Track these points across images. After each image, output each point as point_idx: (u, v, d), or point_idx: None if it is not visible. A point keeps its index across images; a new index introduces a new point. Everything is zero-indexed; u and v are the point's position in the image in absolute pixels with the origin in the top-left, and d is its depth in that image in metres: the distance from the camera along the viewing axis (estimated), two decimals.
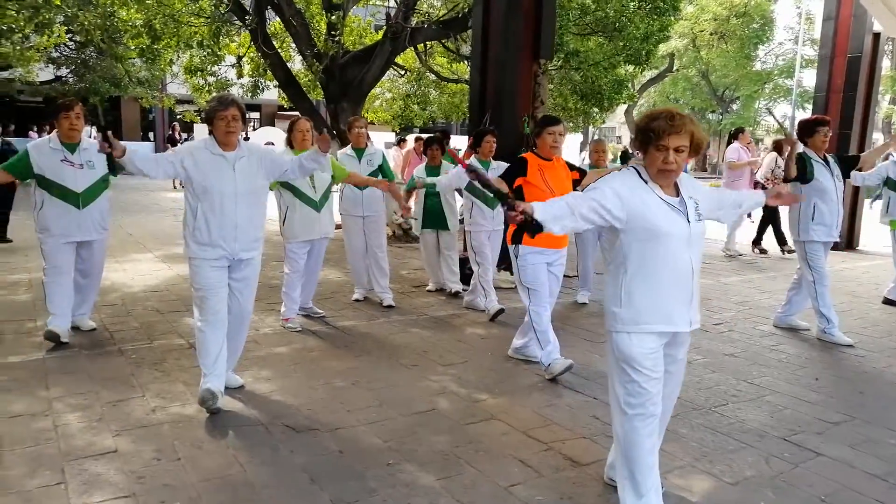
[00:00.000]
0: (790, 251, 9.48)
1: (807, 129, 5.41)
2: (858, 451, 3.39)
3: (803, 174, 5.22)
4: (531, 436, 3.47)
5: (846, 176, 5.62)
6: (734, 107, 35.71)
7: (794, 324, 5.69)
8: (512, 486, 2.94)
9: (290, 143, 5.27)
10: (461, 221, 6.48)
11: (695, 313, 2.64)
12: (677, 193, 2.59)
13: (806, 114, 34.04)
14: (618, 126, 42.33)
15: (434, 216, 6.37)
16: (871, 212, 11.20)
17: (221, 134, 3.65)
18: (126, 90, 18.69)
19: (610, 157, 7.52)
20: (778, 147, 9.49)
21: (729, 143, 10.21)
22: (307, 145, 5.24)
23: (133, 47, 10.56)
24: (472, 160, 5.72)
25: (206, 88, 11.06)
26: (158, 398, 3.81)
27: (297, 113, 22.67)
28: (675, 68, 32.45)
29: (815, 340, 5.39)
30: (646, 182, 2.54)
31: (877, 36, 10.79)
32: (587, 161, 7.07)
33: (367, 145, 5.98)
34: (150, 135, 25.70)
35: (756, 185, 9.76)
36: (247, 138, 3.84)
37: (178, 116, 25.94)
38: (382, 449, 3.28)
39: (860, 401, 4.11)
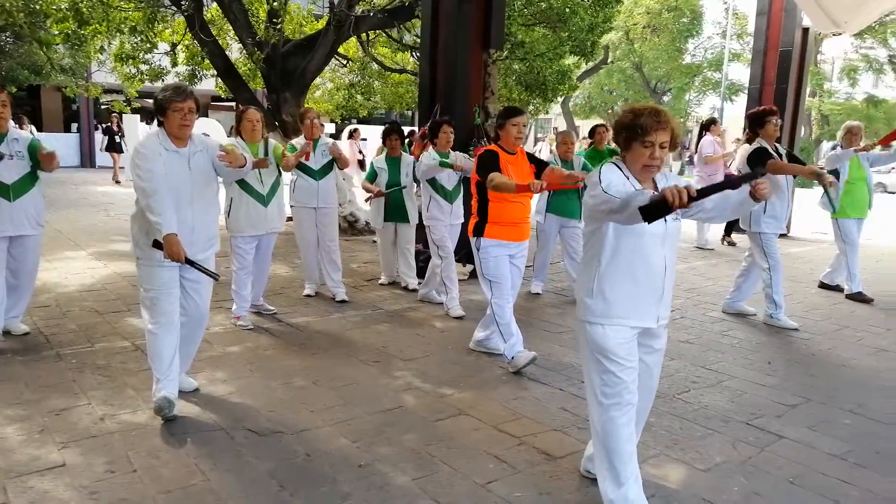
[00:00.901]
0: (731, 243, 9.84)
1: (758, 120, 5.51)
2: (817, 433, 3.48)
3: (767, 160, 5.32)
4: (502, 430, 3.42)
5: None
6: (666, 98, 36.66)
7: (742, 309, 5.85)
8: (489, 484, 2.88)
9: (239, 132, 5.04)
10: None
11: (664, 310, 2.64)
12: (655, 189, 2.57)
13: (734, 106, 35.34)
14: (554, 117, 42.89)
15: (396, 209, 6.23)
16: (801, 200, 11.68)
17: (175, 127, 3.41)
18: (48, 78, 17.65)
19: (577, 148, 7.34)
20: (750, 139, 9.48)
21: (700, 135, 9.89)
22: (257, 136, 5.03)
23: (57, 32, 9.94)
24: (431, 151, 5.61)
25: (139, 77, 10.53)
26: (106, 405, 3.58)
27: (232, 103, 21.88)
28: (609, 60, 33.06)
29: (762, 325, 5.55)
30: (627, 178, 2.52)
31: (806, 31, 11.22)
32: (546, 154, 7.05)
33: (320, 136, 5.80)
34: (73, 126, 24.43)
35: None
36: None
37: (105, 107, 24.74)
38: (352, 450, 3.17)
39: (812, 383, 4.24)
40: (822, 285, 7.05)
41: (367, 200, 6.56)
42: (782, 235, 6.42)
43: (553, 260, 6.84)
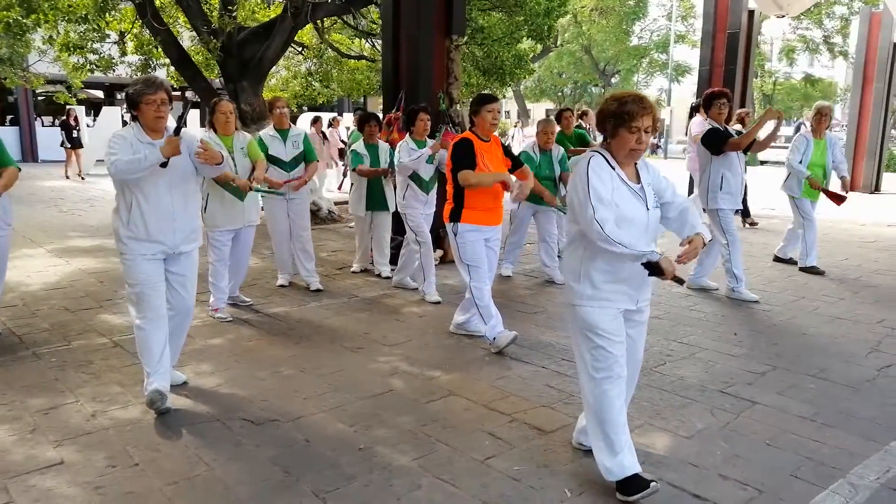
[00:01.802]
0: (753, 224, 9.72)
1: (705, 102, 5.79)
2: (786, 397, 3.71)
3: (721, 147, 5.57)
4: (493, 408, 3.54)
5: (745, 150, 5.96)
6: (614, 80, 37.30)
7: (705, 284, 6.10)
8: (488, 459, 3.00)
9: (212, 125, 4.98)
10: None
11: (644, 293, 2.79)
12: (638, 179, 2.70)
13: (681, 87, 36.20)
14: (505, 101, 43.14)
15: (375, 196, 6.24)
16: (751, 179, 12.09)
17: (150, 120, 3.38)
18: None
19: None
20: (741, 119, 9.33)
21: (691, 116, 9.91)
22: (230, 128, 4.98)
23: None
24: (407, 140, 5.64)
25: (87, 67, 10.21)
26: (95, 402, 3.56)
27: (183, 93, 21.39)
28: (559, 43, 33.41)
29: (725, 299, 5.81)
30: (613, 168, 2.63)
31: (752, 13, 11.61)
32: (518, 139, 7.03)
33: (289, 126, 5.77)
34: (8, 119, 23.46)
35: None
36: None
37: (43, 98, 23.78)
38: (349, 434, 3.24)
39: (777, 351, 4.48)
40: (777, 259, 7.39)
41: (386, 176, 6.25)
42: (739, 212, 6.67)
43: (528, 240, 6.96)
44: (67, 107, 16.59)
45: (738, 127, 9.25)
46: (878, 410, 3.55)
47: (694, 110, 9.86)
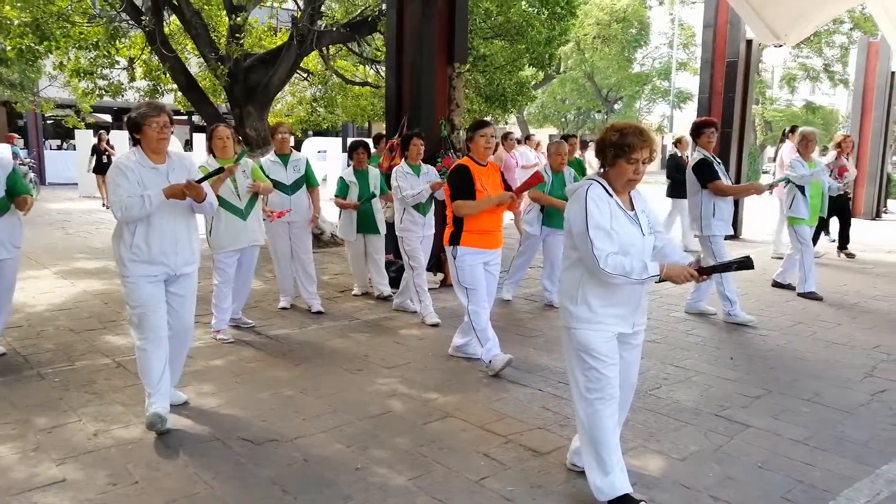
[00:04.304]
0: (850, 255, 9.28)
1: (695, 131, 5.96)
2: (780, 421, 3.74)
3: (711, 178, 5.69)
4: (489, 430, 3.58)
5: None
6: (617, 106, 37.60)
7: (702, 309, 6.15)
8: (483, 480, 3.04)
9: (210, 150, 5.10)
10: (391, 226, 6.45)
11: (640, 317, 2.86)
12: (632, 207, 2.79)
13: (683, 114, 36.48)
14: (509, 126, 43.49)
15: (364, 221, 6.36)
16: (750, 205, 12.21)
17: (153, 142, 3.48)
18: None
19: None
20: (840, 146, 8.97)
21: (781, 141, 9.57)
22: (228, 152, 5.09)
23: (10, 48, 9.76)
24: (403, 165, 5.76)
25: (97, 92, 10.41)
26: (97, 422, 3.61)
27: (189, 117, 21.54)
28: (562, 70, 33.80)
29: (722, 323, 5.85)
30: (610, 195, 2.72)
31: (749, 42, 11.77)
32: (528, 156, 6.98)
33: (291, 151, 5.89)
34: (21, 142, 23.77)
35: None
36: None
37: (50, 122, 24.10)
38: (347, 454, 3.28)
39: (772, 375, 4.52)
40: (776, 284, 7.43)
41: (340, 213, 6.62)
42: (731, 237, 6.75)
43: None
44: (99, 131, 16.39)
45: (831, 156, 9.04)
46: (871, 435, 3.58)
47: (784, 136, 9.61)
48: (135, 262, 3.49)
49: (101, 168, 15.25)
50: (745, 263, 2.71)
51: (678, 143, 10.01)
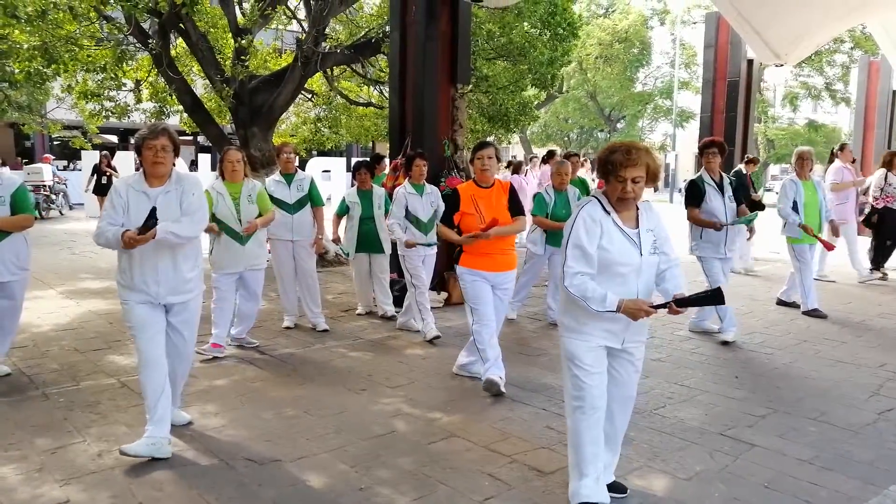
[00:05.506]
0: (884, 276, 8.90)
1: (700, 151, 6.02)
2: (786, 440, 3.72)
3: (699, 199, 5.73)
4: (493, 450, 3.57)
5: (739, 202, 5.91)
6: (620, 125, 37.81)
7: (706, 327, 6.13)
8: (487, 500, 3.02)
9: (221, 173, 5.15)
10: (394, 246, 6.49)
11: (632, 335, 2.86)
12: (636, 225, 2.80)
13: (685, 132, 36.64)
14: (512, 146, 43.70)
15: (369, 240, 6.39)
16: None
17: (149, 164, 3.46)
18: (2, 115, 17.37)
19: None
20: (888, 161, 8.78)
21: (830, 161, 9.23)
22: (238, 176, 5.13)
23: (18, 70, 9.88)
24: (406, 185, 5.80)
25: (104, 114, 10.52)
26: (102, 442, 3.61)
27: (195, 138, 21.69)
28: (564, 90, 34.04)
29: (727, 341, 5.83)
30: (608, 212, 2.75)
31: (750, 62, 11.88)
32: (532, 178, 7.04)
33: (295, 171, 5.94)
34: (23, 163, 23.98)
35: (863, 206, 9.01)
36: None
37: (56, 143, 24.29)
38: (351, 475, 3.27)
39: (778, 394, 4.50)
40: (780, 302, 7.41)
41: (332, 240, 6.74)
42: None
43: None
44: (103, 151, 16.50)
45: (834, 166, 9.04)
46: (878, 454, 3.56)
47: (833, 155, 9.32)
48: (122, 286, 3.52)
49: (100, 189, 15.45)
50: (716, 297, 2.70)
51: (750, 162, 9.87)
